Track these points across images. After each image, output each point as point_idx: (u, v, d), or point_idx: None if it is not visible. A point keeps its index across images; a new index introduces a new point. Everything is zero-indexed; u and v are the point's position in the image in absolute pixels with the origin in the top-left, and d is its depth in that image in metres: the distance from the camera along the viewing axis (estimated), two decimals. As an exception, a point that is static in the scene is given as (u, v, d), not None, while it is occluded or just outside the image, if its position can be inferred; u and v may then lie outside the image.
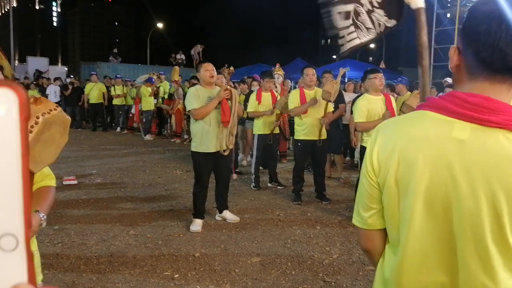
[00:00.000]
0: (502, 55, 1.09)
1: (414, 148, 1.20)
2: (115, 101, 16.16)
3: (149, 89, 13.97)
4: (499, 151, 1.10)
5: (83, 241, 5.05)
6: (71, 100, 16.71)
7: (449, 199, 1.16)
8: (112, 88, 16.33)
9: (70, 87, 16.95)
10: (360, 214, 1.39)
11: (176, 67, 13.43)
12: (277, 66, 10.24)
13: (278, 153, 9.59)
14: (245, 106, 7.89)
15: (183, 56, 25.01)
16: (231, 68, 5.73)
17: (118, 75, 17.67)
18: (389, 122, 1.35)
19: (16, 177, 0.39)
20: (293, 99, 6.69)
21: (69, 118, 1.84)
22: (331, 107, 6.65)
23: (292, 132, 7.80)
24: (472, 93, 1.15)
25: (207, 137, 5.33)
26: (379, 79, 5.78)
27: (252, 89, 9.43)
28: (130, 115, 15.87)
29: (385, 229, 1.36)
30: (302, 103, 6.58)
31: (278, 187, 7.71)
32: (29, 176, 0.40)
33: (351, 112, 6.64)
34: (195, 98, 5.32)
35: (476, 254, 1.14)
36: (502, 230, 1.12)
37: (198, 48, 22.73)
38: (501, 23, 1.08)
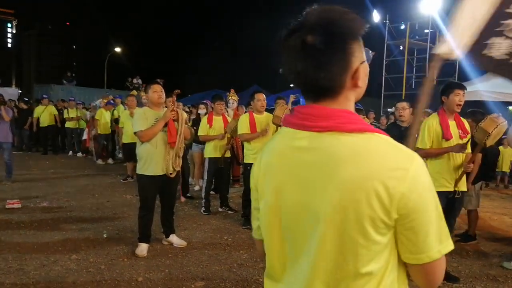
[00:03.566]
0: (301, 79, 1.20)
1: (268, 160, 1.31)
2: (68, 124, 15.81)
3: (108, 112, 13.75)
4: (330, 151, 1.16)
5: (21, 267, 4.85)
6: (20, 123, 16.19)
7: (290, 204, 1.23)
8: (65, 111, 16.00)
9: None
10: None
11: (134, 91, 13.29)
12: (231, 92, 10.26)
13: (231, 178, 9.57)
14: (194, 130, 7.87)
15: (139, 81, 24.77)
16: (177, 90, 5.73)
17: (71, 98, 17.36)
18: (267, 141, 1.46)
19: None
20: (243, 124, 6.70)
21: None
22: (280, 131, 6.68)
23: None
24: (304, 105, 1.25)
25: (152, 159, 5.26)
26: None
27: (199, 112, 9.47)
28: (84, 138, 15.53)
29: None
30: (252, 127, 6.61)
31: (229, 211, 7.66)
32: None
33: None
34: (142, 119, 5.25)
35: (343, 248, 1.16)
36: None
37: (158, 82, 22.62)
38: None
